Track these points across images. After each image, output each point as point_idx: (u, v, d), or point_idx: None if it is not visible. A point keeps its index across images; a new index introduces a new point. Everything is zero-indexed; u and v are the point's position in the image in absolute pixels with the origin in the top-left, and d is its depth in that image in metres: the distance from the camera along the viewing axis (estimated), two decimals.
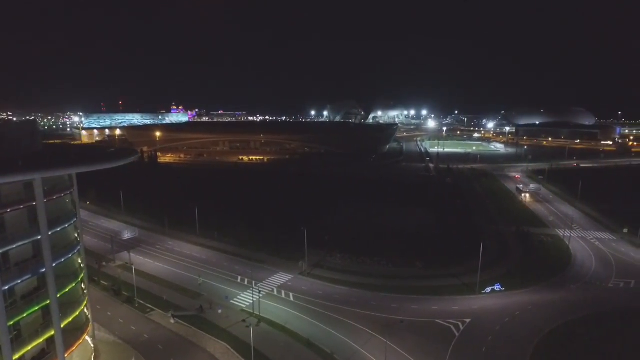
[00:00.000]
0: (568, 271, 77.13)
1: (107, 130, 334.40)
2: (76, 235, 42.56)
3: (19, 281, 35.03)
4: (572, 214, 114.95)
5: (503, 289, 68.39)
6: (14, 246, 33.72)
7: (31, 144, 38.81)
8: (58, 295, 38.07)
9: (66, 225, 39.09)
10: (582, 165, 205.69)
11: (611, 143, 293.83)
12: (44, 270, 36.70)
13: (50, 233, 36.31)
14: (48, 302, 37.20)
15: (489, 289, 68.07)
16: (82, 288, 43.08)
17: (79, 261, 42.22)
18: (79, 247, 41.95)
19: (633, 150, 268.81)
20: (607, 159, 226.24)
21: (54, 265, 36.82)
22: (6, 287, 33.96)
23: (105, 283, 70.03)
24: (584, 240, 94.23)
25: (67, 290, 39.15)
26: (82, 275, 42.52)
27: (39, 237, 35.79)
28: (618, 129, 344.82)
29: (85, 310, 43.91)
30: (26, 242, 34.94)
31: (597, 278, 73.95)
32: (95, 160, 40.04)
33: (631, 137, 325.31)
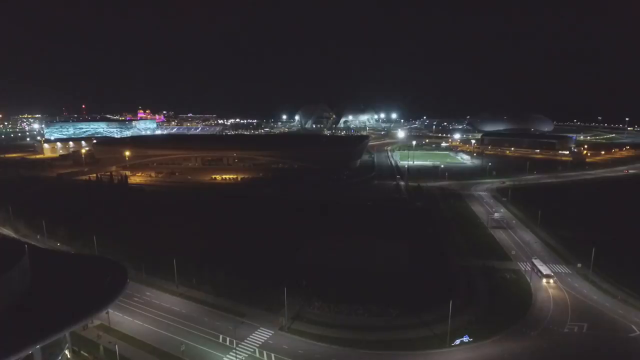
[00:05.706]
0: (530, 314, 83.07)
1: (71, 143, 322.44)
2: (67, 354, 42.98)
3: None
4: (533, 243, 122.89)
5: (471, 339, 73.42)
6: None
7: (21, 280, 38.94)
8: None
9: (59, 357, 39.70)
10: (543, 181, 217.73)
11: (567, 152, 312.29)
12: None
13: None
14: None
15: (458, 341, 72.88)
16: None
17: None
18: None
19: (587, 160, 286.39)
20: (564, 172, 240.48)
21: None
22: None
23: (86, 354, 69.73)
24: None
25: None
26: None
27: None
28: (574, 137, 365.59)
29: None
30: None
31: (554, 321, 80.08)
32: (91, 309, 40.41)
33: (585, 146, 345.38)
